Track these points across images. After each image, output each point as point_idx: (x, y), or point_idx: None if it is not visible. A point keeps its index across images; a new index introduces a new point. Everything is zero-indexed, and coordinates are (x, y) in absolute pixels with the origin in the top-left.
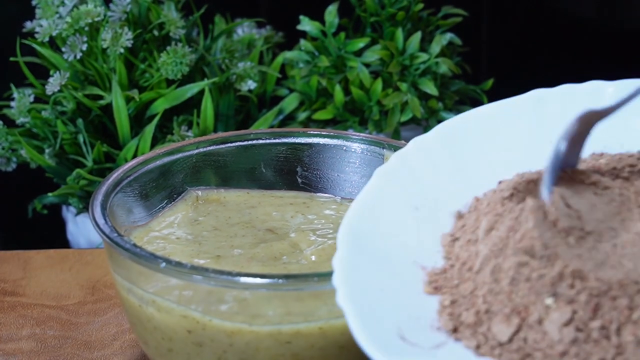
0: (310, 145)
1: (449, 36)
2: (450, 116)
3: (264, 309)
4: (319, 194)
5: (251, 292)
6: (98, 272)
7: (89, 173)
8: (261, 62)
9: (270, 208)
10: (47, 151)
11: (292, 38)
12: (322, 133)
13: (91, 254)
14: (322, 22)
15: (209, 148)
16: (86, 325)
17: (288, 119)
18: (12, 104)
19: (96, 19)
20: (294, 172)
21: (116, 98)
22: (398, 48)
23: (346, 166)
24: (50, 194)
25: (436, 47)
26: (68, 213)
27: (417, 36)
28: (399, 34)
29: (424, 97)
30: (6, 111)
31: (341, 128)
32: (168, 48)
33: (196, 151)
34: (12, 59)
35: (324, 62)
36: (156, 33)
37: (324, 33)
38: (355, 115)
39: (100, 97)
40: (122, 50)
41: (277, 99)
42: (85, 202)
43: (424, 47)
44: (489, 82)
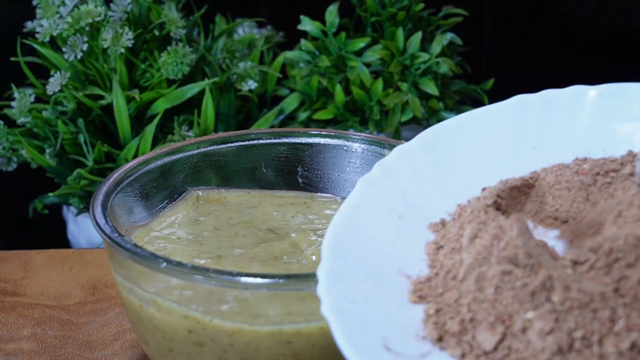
0: (310, 145)
1: (450, 36)
2: (450, 116)
3: (265, 309)
4: (320, 194)
5: (252, 292)
6: (99, 272)
7: (90, 173)
8: (262, 62)
9: (270, 208)
10: (48, 151)
11: (293, 38)
12: (323, 133)
13: (92, 254)
14: (323, 22)
15: (210, 148)
16: (87, 325)
17: (289, 119)
18: (13, 104)
19: (97, 19)
20: (295, 172)
21: (117, 98)
22: (399, 48)
23: (347, 166)
24: (50, 194)
25: (437, 47)
26: (69, 213)
27: (418, 36)
28: (400, 34)
29: (425, 97)
30: (7, 111)
31: (342, 128)
32: (169, 48)
33: (197, 151)
34: (13, 59)
35: (325, 62)
36: (157, 33)
37: (325, 33)
38: (355, 115)
39: (100, 97)
40: (123, 50)
41: (278, 99)
42: (85, 202)
43: (425, 47)
44: (490, 82)
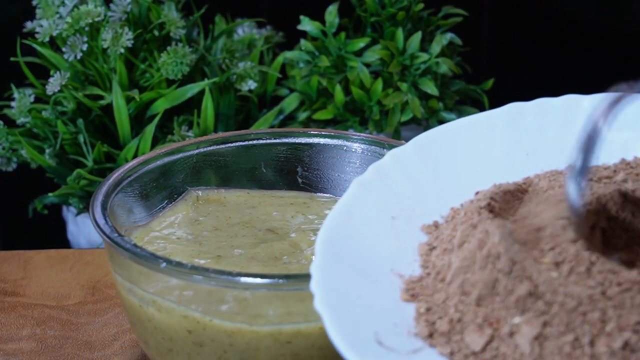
0: (310, 145)
1: (450, 36)
2: (450, 116)
3: (265, 309)
4: (320, 194)
5: (251, 292)
6: (98, 272)
7: (90, 173)
8: (261, 62)
9: (270, 208)
10: (48, 151)
11: (293, 38)
12: (323, 133)
13: (91, 254)
14: (323, 22)
15: (210, 148)
16: (86, 325)
17: (288, 119)
18: (13, 104)
19: (96, 19)
20: (295, 172)
21: (116, 98)
22: (398, 48)
23: (346, 166)
24: (50, 194)
25: (436, 47)
26: (68, 213)
27: (418, 36)
28: (400, 34)
29: (425, 97)
30: (7, 111)
31: (341, 128)
32: (168, 48)
33: (196, 151)
34: (13, 59)
35: (325, 62)
36: (156, 33)
37: (325, 33)
38: (355, 115)
39: (100, 97)
40: (123, 50)
41: (278, 99)
42: (85, 202)
43: (425, 47)
44: (490, 82)
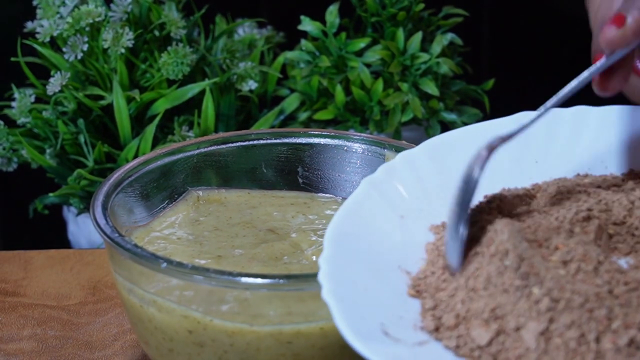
0: (311, 145)
1: (450, 36)
2: (451, 116)
3: (265, 309)
4: (320, 194)
5: (252, 292)
6: (99, 273)
7: (90, 173)
8: (262, 62)
9: (271, 208)
10: (48, 151)
11: (293, 38)
12: (323, 133)
13: (92, 254)
14: (323, 22)
15: (210, 148)
16: (87, 325)
17: (289, 119)
18: (13, 104)
19: (97, 19)
20: (295, 172)
21: (117, 98)
22: (399, 48)
23: (347, 166)
24: (51, 194)
25: (437, 47)
26: (69, 213)
27: (418, 36)
28: (400, 34)
29: (425, 97)
30: (7, 111)
31: (342, 128)
32: (169, 48)
33: (197, 151)
34: (13, 59)
35: (325, 62)
36: (157, 33)
37: (325, 33)
38: (356, 115)
39: (101, 97)
40: (123, 50)
41: (278, 99)
42: (86, 203)
43: (425, 47)
44: (490, 82)
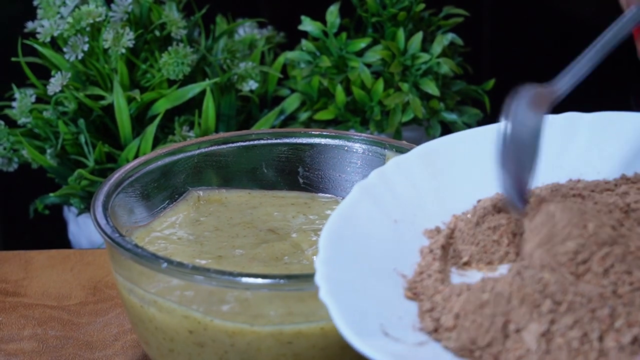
0: (311, 145)
1: (451, 36)
2: (451, 116)
3: (266, 309)
4: (321, 194)
5: (252, 293)
6: (99, 273)
7: (91, 173)
8: (262, 63)
9: (271, 208)
10: (49, 151)
11: (294, 38)
12: (324, 133)
13: (92, 254)
14: (324, 23)
15: (211, 148)
16: (87, 325)
17: (289, 119)
18: (14, 104)
19: (97, 19)
20: (296, 173)
21: (117, 98)
22: (399, 48)
23: (347, 166)
24: (51, 194)
25: (437, 48)
26: (69, 213)
27: (419, 36)
28: (401, 34)
29: (426, 98)
30: (8, 111)
31: (342, 128)
32: (169, 48)
33: (198, 151)
34: (14, 59)
35: (326, 63)
36: (158, 33)
37: (326, 33)
38: (356, 115)
39: (101, 98)
40: (124, 50)
41: (279, 99)
42: (86, 203)
43: (426, 48)
44: (491, 82)
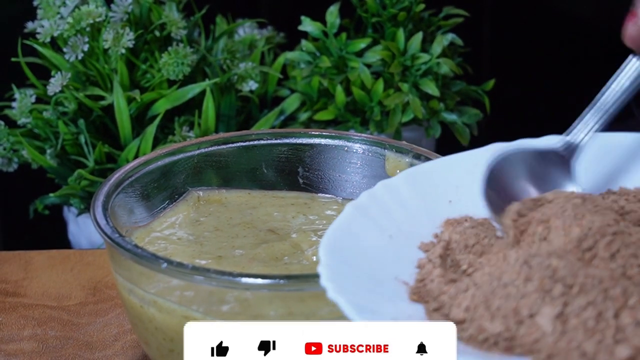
0: (311, 145)
1: (451, 37)
2: (451, 116)
3: (266, 310)
4: (321, 195)
5: (252, 293)
6: (99, 273)
7: (90, 173)
8: (262, 63)
9: (271, 208)
10: (49, 152)
11: (294, 38)
12: (324, 133)
13: (92, 255)
14: (324, 23)
15: (211, 148)
16: (87, 325)
17: (289, 120)
18: (14, 105)
19: (97, 20)
20: (296, 173)
21: (117, 98)
22: (399, 48)
23: (347, 167)
24: (51, 195)
25: (437, 48)
26: (69, 213)
27: (419, 37)
28: (400, 35)
29: (425, 98)
30: (8, 112)
31: (342, 128)
32: (169, 48)
33: (197, 152)
34: (14, 60)
35: (325, 63)
36: (157, 33)
37: (326, 33)
38: (356, 115)
39: (101, 98)
40: (124, 50)
41: (279, 100)
42: (86, 203)
43: (425, 48)
44: (490, 83)
